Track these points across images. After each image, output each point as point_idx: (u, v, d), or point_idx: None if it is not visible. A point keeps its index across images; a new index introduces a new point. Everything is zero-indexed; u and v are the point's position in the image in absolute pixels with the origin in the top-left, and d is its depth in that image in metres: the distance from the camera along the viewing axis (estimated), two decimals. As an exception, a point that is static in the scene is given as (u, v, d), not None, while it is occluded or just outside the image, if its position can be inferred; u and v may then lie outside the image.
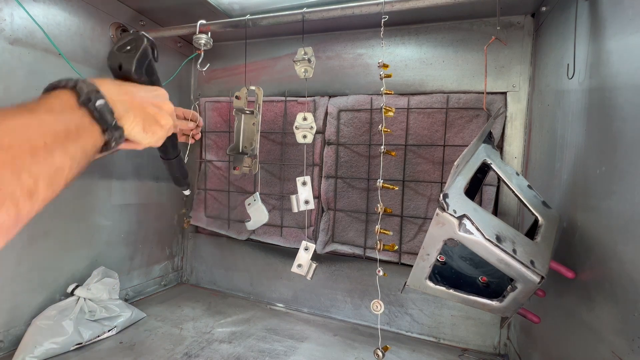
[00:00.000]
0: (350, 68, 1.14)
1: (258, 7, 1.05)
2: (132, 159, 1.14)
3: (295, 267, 0.87)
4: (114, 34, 1.03)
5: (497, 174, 0.66)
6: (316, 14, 0.83)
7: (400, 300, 1.08)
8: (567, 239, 0.63)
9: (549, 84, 0.82)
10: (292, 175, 1.19)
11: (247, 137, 0.94)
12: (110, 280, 1.00)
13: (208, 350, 0.90)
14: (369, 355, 0.91)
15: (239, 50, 1.29)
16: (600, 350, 0.50)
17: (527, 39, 0.96)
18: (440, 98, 1.02)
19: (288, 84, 1.21)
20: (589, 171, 0.58)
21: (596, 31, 0.59)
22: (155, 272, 1.28)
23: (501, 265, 0.53)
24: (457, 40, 1.02)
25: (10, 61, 0.80)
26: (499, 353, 0.98)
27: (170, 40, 1.24)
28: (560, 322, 0.65)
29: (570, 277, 0.57)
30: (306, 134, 0.87)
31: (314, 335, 1.02)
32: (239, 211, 1.28)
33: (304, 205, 0.87)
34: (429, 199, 1.04)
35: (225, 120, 1.29)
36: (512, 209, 0.97)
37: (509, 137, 0.98)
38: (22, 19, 0.81)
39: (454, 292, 0.60)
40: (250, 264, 1.29)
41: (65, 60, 0.87)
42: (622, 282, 0.46)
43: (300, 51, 0.83)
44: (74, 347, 0.86)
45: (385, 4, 0.76)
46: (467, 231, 0.52)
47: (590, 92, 0.60)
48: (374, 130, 1.09)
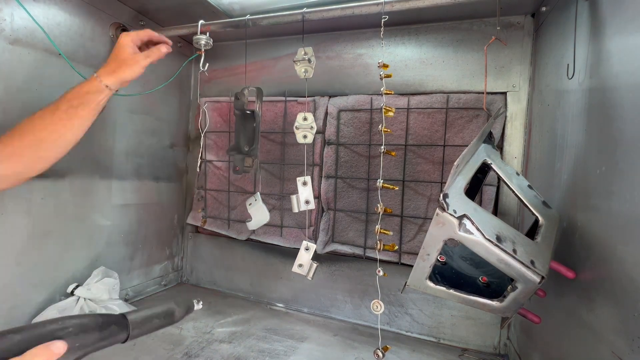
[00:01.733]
0: (350, 68, 1.14)
1: (258, 7, 1.05)
2: (132, 159, 1.14)
3: (296, 267, 0.87)
4: (114, 34, 1.03)
5: (497, 174, 0.66)
6: (316, 14, 0.83)
7: (400, 300, 1.08)
8: (567, 239, 0.63)
9: (549, 84, 0.82)
10: (292, 175, 1.19)
11: (247, 137, 0.94)
12: (110, 280, 1.00)
13: (208, 350, 0.90)
14: (369, 355, 0.91)
15: (239, 50, 1.29)
16: (600, 350, 0.50)
17: (527, 39, 0.96)
18: (440, 98, 1.02)
19: (288, 84, 1.21)
20: (589, 171, 0.58)
21: (596, 31, 0.59)
22: (155, 272, 1.28)
23: (501, 265, 0.53)
24: (457, 40, 1.02)
25: (10, 61, 0.80)
26: (499, 353, 0.98)
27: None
28: (561, 322, 0.65)
29: (571, 277, 0.57)
30: (306, 134, 0.87)
31: (314, 335, 1.02)
32: (239, 211, 1.28)
33: (304, 205, 0.87)
34: (429, 199, 1.04)
35: (225, 120, 1.29)
36: (512, 209, 0.97)
37: (509, 137, 0.98)
38: (23, 19, 0.81)
39: (454, 292, 0.60)
40: (250, 264, 1.29)
41: (66, 60, 0.87)
42: (622, 282, 0.46)
43: (300, 51, 0.83)
44: (74, 347, 0.86)
45: (385, 4, 0.76)
46: (467, 231, 0.52)
47: (590, 92, 0.60)
48: (374, 130, 1.09)
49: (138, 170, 1.16)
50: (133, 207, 1.16)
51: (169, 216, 1.32)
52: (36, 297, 0.89)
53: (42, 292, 0.90)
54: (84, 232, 1.01)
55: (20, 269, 0.85)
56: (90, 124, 0.70)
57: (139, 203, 1.18)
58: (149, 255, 1.24)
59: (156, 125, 1.22)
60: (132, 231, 1.16)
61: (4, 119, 0.79)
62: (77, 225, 0.99)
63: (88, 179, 1.01)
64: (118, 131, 1.08)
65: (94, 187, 1.03)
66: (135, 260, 1.19)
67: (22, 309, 0.86)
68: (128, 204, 1.14)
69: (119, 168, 1.10)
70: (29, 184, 0.84)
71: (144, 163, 1.18)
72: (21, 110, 0.82)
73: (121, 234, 1.12)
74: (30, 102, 0.83)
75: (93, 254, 1.03)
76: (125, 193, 1.13)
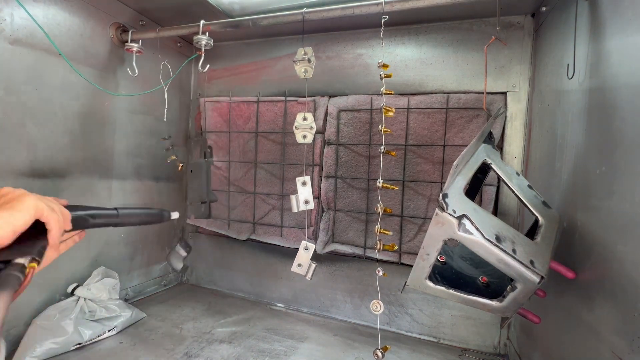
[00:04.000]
0: (350, 68, 1.14)
1: (258, 7, 1.05)
2: (132, 159, 1.14)
3: (295, 266, 0.87)
4: (114, 34, 1.03)
5: (497, 174, 0.66)
6: (316, 14, 0.83)
7: (400, 300, 1.08)
8: (567, 239, 0.63)
9: (549, 84, 0.82)
10: (292, 175, 1.19)
11: (202, 186, 1.02)
12: (110, 280, 1.00)
13: (208, 350, 0.90)
14: (368, 355, 0.91)
15: (239, 50, 1.29)
16: (600, 350, 0.50)
17: (527, 39, 0.96)
18: (440, 98, 1.02)
19: (288, 84, 1.21)
20: (589, 171, 0.58)
21: (596, 31, 0.59)
22: (155, 272, 1.28)
23: (501, 265, 0.53)
24: (457, 40, 1.02)
25: (10, 61, 0.80)
26: (499, 353, 0.98)
27: (170, 40, 1.24)
28: (561, 322, 0.64)
29: (571, 277, 0.57)
30: (306, 134, 0.87)
31: (314, 335, 1.02)
32: (239, 211, 1.28)
33: (303, 205, 0.87)
34: (429, 199, 1.04)
35: (225, 120, 1.29)
36: (512, 209, 0.97)
37: (509, 137, 0.98)
38: (23, 19, 0.81)
39: (454, 292, 0.60)
40: (250, 264, 1.29)
41: (66, 60, 0.87)
42: (622, 282, 0.46)
43: (300, 51, 0.83)
44: (74, 347, 0.86)
45: (385, 4, 0.76)
46: (466, 231, 0.52)
47: (590, 92, 0.60)
48: (374, 130, 1.09)
49: (138, 170, 1.16)
50: (133, 207, 1.16)
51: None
52: (36, 297, 0.89)
53: (42, 292, 0.90)
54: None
55: (20, 269, 0.85)
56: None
57: (139, 203, 1.18)
58: (149, 255, 1.24)
59: (156, 125, 1.22)
60: (132, 231, 1.16)
61: (4, 119, 0.79)
62: (77, 225, 0.98)
63: (88, 179, 1.01)
64: (118, 131, 1.08)
65: (94, 187, 1.03)
66: (135, 260, 1.19)
67: (22, 308, 0.86)
68: (128, 204, 1.14)
69: (119, 168, 1.10)
70: (29, 184, 0.84)
71: (143, 163, 1.18)
72: (21, 110, 0.82)
73: (121, 234, 1.12)
74: (30, 102, 0.84)
75: (93, 254, 1.03)
76: (125, 193, 1.13)
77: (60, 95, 0.90)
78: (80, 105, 0.95)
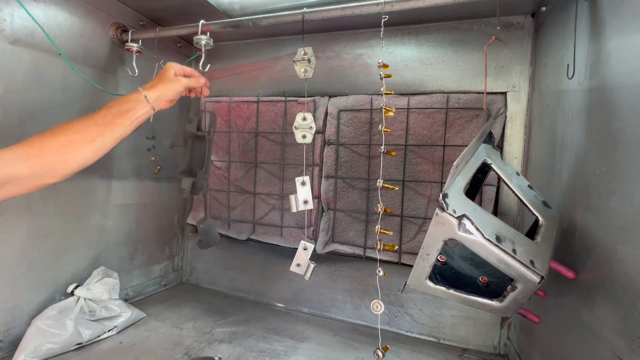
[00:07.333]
0: (350, 68, 1.14)
1: (258, 7, 1.05)
2: (132, 159, 1.14)
3: (294, 266, 0.87)
4: (114, 34, 1.03)
5: (498, 174, 0.66)
6: (316, 14, 0.83)
7: (400, 300, 1.08)
8: (567, 239, 0.63)
9: (549, 84, 0.82)
10: (292, 175, 1.19)
11: (199, 160, 0.98)
12: (110, 280, 1.00)
13: (208, 350, 0.90)
14: (369, 355, 0.91)
15: (239, 50, 1.29)
16: (600, 350, 0.50)
17: (527, 39, 0.96)
18: (440, 98, 1.02)
19: (288, 84, 1.21)
20: (589, 171, 0.58)
21: (596, 31, 0.59)
22: (155, 272, 1.28)
23: (501, 265, 0.53)
24: (457, 40, 1.02)
25: (10, 61, 0.80)
26: (499, 353, 0.98)
27: (170, 40, 1.24)
28: (561, 322, 0.65)
29: (571, 277, 0.57)
30: (305, 134, 0.86)
31: (314, 335, 1.02)
32: (239, 211, 1.28)
33: (302, 205, 0.87)
34: (429, 199, 1.04)
35: (226, 120, 1.29)
36: (512, 209, 0.97)
37: (509, 137, 0.98)
38: (23, 19, 0.81)
39: (454, 292, 0.60)
40: (250, 264, 1.29)
41: (66, 60, 0.87)
42: (622, 282, 0.46)
43: (300, 51, 0.83)
44: (74, 347, 0.86)
45: (385, 4, 0.76)
46: (466, 231, 0.52)
47: (590, 92, 0.60)
48: (374, 130, 1.09)
49: (138, 170, 1.16)
50: (133, 207, 1.16)
51: (169, 216, 1.32)
52: (36, 297, 0.89)
53: (42, 292, 0.90)
54: (84, 232, 1.01)
55: (20, 269, 0.85)
56: (123, 136, 0.69)
57: (139, 203, 1.18)
58: (149, 255, 1.24)
59: (156, 125, 1.22)
60: (132, 231, 1.16)
61: (4, 119, 0.79)
62: (77, 225, 0.99)
63: (88, 179, 1.01)
64: (118, 131, 1.08)
65: (94, 187, 1.03)
66: (135, 260, 1.19)
67: (22, 308, 0.86)
68: (128, 204, 1.14)
69: (119, 168, 1.10)
70: (29, 184, 0.84)
71: (144, 163, 1.18)
72: (21, 110, 0.82)
73: (121, 234, 1.12)
74: (30, 102, 0.84)
75: (93, 254, 1.03)
76: (125, 193, 1.13)
77: (60, 95, 0.90)
78: (80, 105, 0.95)
